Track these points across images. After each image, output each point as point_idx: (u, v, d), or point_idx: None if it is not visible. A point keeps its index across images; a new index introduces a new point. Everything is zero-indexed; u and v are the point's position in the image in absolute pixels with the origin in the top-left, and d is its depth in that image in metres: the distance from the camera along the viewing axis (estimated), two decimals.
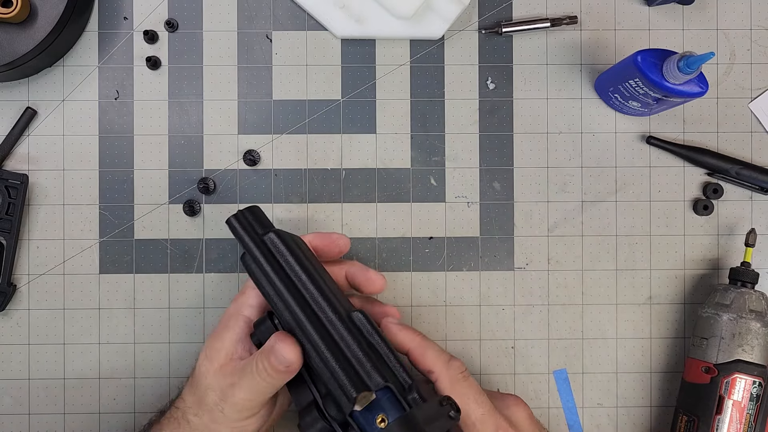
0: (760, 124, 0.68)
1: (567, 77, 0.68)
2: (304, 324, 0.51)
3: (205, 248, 0.67)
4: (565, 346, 0.68)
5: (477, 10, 0.67)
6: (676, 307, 0.68)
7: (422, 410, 0.48)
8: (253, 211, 0.55)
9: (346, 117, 0.67)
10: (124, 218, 0.67)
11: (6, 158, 0.66)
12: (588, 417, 0.68)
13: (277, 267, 0.53)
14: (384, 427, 0.48)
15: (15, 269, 0.66)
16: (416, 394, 0.50)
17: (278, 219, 0.67)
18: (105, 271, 0.67)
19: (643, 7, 0.68)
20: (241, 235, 0.54)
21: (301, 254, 0.54)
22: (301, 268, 0.53)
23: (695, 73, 0.56)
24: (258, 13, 0.67)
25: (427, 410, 0.48)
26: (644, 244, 0.68)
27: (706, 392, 0.61)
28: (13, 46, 0.61)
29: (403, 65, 0.67)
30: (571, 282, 0.68)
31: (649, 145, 0.68)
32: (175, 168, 0.67)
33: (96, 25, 0.67)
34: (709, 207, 0.67)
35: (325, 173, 0.67)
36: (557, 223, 0.68)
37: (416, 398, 0.50)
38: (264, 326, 0.54)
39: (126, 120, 0.67)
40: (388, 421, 0.48)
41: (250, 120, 0.67)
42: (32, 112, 0.66)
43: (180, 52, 0.67)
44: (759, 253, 0.68)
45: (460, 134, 0.67)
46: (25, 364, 0.66)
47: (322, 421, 0.51)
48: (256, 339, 0.55)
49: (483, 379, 0.67)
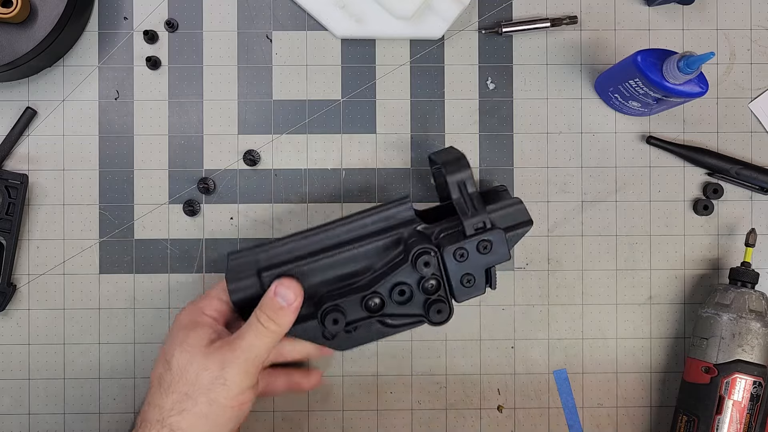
0: (760, 124, 0.68)
1: (567, 77, 0.68)
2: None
3: (205, 248, 0.67)
4: (565, 346, 0.68)
5: (477, 10, 0.67)
6: (676, 307, 0.68)
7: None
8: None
9: (346, 117, 0.67)
10: (124, 218, 0.67)
11: (6, 158, 0.66)
12: (588, 417, 0.68)
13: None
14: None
15: (15, 269, 0.66)
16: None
17: (278, 219, 0.67)
18: (105, 271, 0.67)
19: (643, 7, 0.68)
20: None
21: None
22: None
23: (695, 73, 0.56)
24: (258, 13, 0.67)
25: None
26: (644, 244, 0.68)
27: (706, 392, 0.61)
28: (13, 46, 0.61)
29: (403, 65, 0.67)
30: (571, 282, 0.68)
31: (649, 145, 0.68)
32: (175, 168, 0.67)
33: (96, 25, 0.67)
34: (709, 207, 0.67)
35: (325, 173, 0.67)
36: (557, 223, 0.68)
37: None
38: (248, 282, 0.57)
39: (126, 120, 0.67)
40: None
41: (250, 120, 0.67)
42: (32, 112, 0.66)
43: (180, 52, 0.67)
44: (759, 253, 0.68)
45: (460, 134, 0.67)
46: (25, 364, 0.66)
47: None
48: (238, 297, 0.57)
49: (483, 379, 0.67)
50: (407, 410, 0.67)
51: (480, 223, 0.57)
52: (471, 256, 0.56)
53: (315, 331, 0.57)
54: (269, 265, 0.57)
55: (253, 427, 0.67)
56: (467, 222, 0.57)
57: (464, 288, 0.57)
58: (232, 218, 0.67)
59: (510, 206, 0.58)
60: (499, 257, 0.57)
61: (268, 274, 0.57)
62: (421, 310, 0.57)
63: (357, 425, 0.67)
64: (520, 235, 0.59)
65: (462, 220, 0.57)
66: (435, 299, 0.57)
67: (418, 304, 0.57)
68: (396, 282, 0.56)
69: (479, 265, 0.57)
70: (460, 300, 0.57)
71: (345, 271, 0.57)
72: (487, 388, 0.67)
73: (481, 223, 0.57)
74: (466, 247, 0.56)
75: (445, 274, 0.57)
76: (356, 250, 0.57)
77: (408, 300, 0.57)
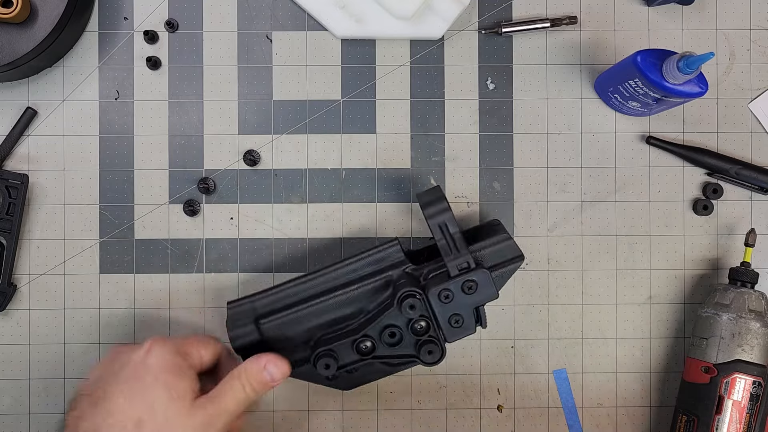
0: (759, 124, 0.68)
1: (567, 77, 0.68)
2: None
3: (205, 248, 0.67)
4: (565, 346, 0.68)
5: (477, 10, 0.68)
6: (676, 307, 0.68)
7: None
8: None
9: (346, 117, 0.67)
10: (124, 218, 0.67)
11: (6, 158, 0.66)
12: (588, 417, 0.68)
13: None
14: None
15: (15, 269, 0.66)
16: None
17: (278, 219, 0.67)
18: (105, 271, 0.67)
19: (643, 7, 0.68)
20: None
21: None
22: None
23: (695, 74, 0.56)
24: (258, 13, 0.67)
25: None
26: (644, 244, 0.68)
27: (705, 392, 0.61)
28: (13, 46, 0.61)
29: (403, 65, 0.67)
30: (571, 282, 0.68)
31: (649, 145, 0.68)
32: (175, 168, 0.67)
33: (96, 25, 0.67)
34: (708, 207, 0.67)
35: (325, 173, 0.67)
36: (557, 223, 0.68)
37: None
38: (246, 330, 0.59)
39: (126, 120, 0.67)
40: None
41: (250, 120, 0.67)
42: (32, 112, 0.66)
43: (180, 53, 0.67)
44: (759, 253, 0.68)
45: (460, 134, 0.67)
46: (25, 364, 0.66)
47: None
48: (239, 344, 0.59)
49: (483, 379, 0.68)
50: (407, 410, 0.67)
51: (464, 264, 0.57)
52: (456, 297, 0.57)
53: (317, 373, 0.58)
54: (265, 313, 0.59)
55: (253, 427, 0.67)
56: (450, 264, 0.57)
57: (453, 328, 0.58)
58: (232, 218, 0.67)
59: (499, 243, 0.59)
60: (486, 297, 0.58)
61: (265, 322, 0.59)
62: (413, 351, 0.58)
63: (357, 425, 0.67)
64: (511, 272, 0.59)
65: (445, 262, 0.57)
66: (426, 340, 0.58)
67: (410, 345, 0.58)
68: (386, 324, 0.57)
69: (466, 304, 0.57)
70: (451, 340, 0.58)
71: (338, 315, 0.59)
72: (487, 388, 0.67)
73: (465, 263, 0.57)
74: (450, 288, 0.57)
75: (433, 315, 0.57)
76: (347, 295, 0.59)
77: (399, 342, 0.58)
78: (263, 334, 0.59)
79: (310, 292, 0.60)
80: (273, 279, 0.67)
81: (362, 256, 0.60)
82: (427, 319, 0.57)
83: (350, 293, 0.59)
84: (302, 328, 0.59)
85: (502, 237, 0.59)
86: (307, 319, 0.59)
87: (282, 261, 0.67)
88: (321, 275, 0.60)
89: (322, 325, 0.59)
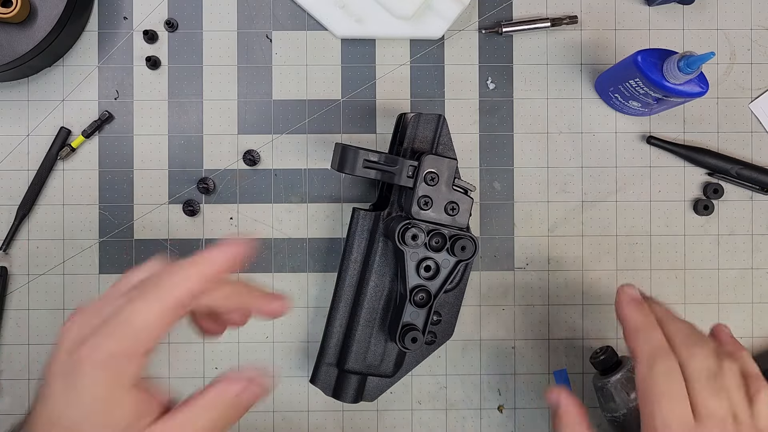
0: (760, 124, 0.68)
1: (567, 77, 0.68)
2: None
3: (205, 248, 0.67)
4: (565, 346, 0.68)
5: (477, 10, 0.67)
6: (676, 308, 0.68)
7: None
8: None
9: (346, 117, 0.67)
10: (124, 218, 0.67)
11: (47, 180, 0.66)
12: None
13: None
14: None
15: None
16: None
17: (278, 219, 0.67)
18: (105, 271, 0.67)
19: (643, 7, 0.68)
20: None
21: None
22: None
23: (695, 73, 0.56)
24: (258, 13, 0.67)
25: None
26: (644, 244, 0.68)
27: None
28: (13, 46, 0.61)
29: (403, 65, 0.67)
30: (571, 282, 0.68)
31: (649, 145, 0.68)
32: (175, 168, 0.67)
33: (96, 25, 0.67)
34: (709, 207, 0.67)
35: (325, 173, 0.67)
36: (557, 223, 0.68)
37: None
38: (331, 377, 0.63)
39: (126, 120, 0.67)
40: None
41: (249, 120, 0.67)
42: (66, 131, 0.66)
43: (180, 52, 0.67)
44: (759, 252, 0.68)
45: (460, 134, 0.67)
46: (25, 364, 0.66)
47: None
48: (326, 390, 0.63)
49: (483, 379, 0.67)
50: (407, 410, 0.67)
51: (409, 170, 0.58)
52: (434, 191, 0.58)
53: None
54: (339, 360, 0.62)
55: (253, 427, 0.67)
56: (401, 179, 0.58)
57: (451, 216, 0.58)
58: (232, 218, 0.67)
59: (416, 126, 0.60)
60: (450, 163, 0.58)
61: (347, 367, 0.61)
62: (453, 264, 0.58)
63: (357, 425, 0.67)
64: (446, 134, 0.60)
65: (395, 182, 0.58)
66: (454, 240, 0.58)
67: (447, 265, 0.59)
68: (416, 265, 0.58)
69: (443, 192, 0.58)
70: (465, 223, 0.59)
71: (383, 303, 0.61)
72: (487, 388, 0.67)
73: (409, 167, 0.58)
74: (419, 191, 0.58)
75: (433, 223, 0.58)
76: (373, 283, 0.61)
77: (437, 271, 0.58)
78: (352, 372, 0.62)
79: (346, 310, 0.62)
80: (273, 279, 0.67)
81: (349, 247, 0.62)
82: (434, 230, 0.58)
83: (373, 280, 0.61)
84: (371, 339, 0.61)
85: (415, 119, 0.60)
86: (367, 332, 0.61)
87: (282, 261, 0.67)
88: (340, 296, 0.62)
89: (383, 317, 0.61)
